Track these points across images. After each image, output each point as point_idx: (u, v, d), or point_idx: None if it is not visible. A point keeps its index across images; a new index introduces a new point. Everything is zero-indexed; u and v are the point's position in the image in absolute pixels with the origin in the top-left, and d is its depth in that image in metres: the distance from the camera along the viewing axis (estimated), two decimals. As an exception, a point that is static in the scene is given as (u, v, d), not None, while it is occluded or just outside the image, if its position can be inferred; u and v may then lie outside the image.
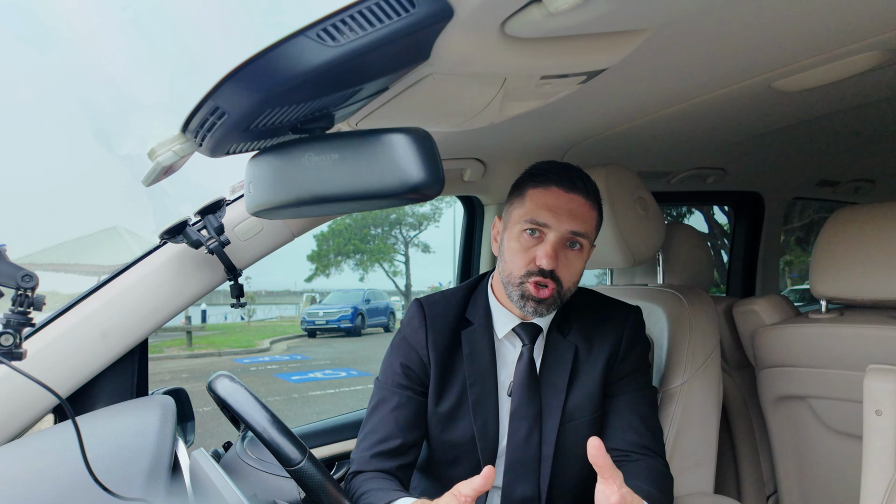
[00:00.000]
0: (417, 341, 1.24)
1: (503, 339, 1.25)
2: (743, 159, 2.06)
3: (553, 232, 1.14)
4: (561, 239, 1.14)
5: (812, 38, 0.99)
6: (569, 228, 1.14)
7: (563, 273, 1.15)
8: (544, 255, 1.13)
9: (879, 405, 1.30)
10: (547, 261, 1.12)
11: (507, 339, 1.25)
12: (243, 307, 1.31)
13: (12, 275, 0.89)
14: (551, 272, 1.13)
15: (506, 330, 1.24)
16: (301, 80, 0.64)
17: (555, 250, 1.13)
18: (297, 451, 1.01)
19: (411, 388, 1.24)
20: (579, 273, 1.19)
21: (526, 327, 1.23)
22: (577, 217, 1.14)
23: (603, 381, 1.22)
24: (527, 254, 1.15)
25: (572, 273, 1.17)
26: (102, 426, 1.04)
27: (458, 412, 1.23)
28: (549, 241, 1.14)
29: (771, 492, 1.86)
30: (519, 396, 1.21)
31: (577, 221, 1.14)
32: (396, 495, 1.08)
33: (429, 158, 0.69)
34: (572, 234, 1.15)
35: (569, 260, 1.16)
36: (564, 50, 0.80)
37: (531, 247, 1.15)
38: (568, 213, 1.14)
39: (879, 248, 1.37)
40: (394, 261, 27.69)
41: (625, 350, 1.24)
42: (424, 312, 1.25)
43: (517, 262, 1.16)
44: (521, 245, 1.16)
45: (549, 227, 1.14)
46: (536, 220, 1.14)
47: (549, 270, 1.13)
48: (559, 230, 1.14)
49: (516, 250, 1.16)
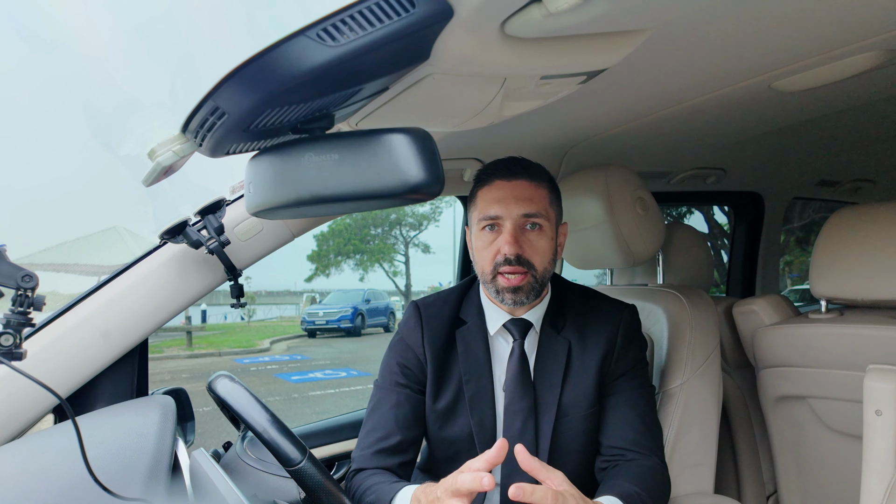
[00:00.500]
0: (414, 341, 1.27)
1: (496, 335, 1.27)
2: (743, 159, 2.06)
3: (507, 220, 1.18)
4: (516, 225, 1.18)
5: (812, 38, 0.99)
6: (520, 213, 1.18)
7: (531, 255, 1.18)
8: (504, 243, 1.17)
9: (879, 405, 1.30)
10: (508, 247, 1.16)
11: (500, 335, 1.27)
12: (243, 307, 1.31)
13: (12, 275, 0.89)
14: (517, 258, 1.16)
15: (497, 326, 1.26)
16: (301, 80, 0.64)
17: (513, 236, 1.17)
18: (297, 451, 1.01)
19: (409, 387, 1.27)
20: (549, 253, 1.21)
21: (516, 323, 1.25)
22: (526, 199, 1.18)
23: (598, 377, 1.23)
24: (490, 248, 1.20)
25: (540, 254, 1.19)
26: (102, 426, 1.04)
27: (455, 409, 1.25)
28: (506, 229, 1.18)
29: (771, 492, 1.86)
30: (511, 391, 1.23)
31: (525, 204, 1.18)
32: (401, 485, 1.09)
33: (429, 158, 0.69)
34: (525, 217, 1.18)
35: (532, 242, 1.19)
36: (564, 50, 0.80)
37: (493, 240, 1.20)
38: (514, 199, 1.18)
39: (879, 248, 1.37)
40: (394, 261, 27.69)
41: (620, 347, 1.25)
42: (420, 313, 1.30)
43: (484, 258, 1.21)
44: (483, 242, 1.21)
45: (501, 217, 1.19)
46: (489, 214, 1.19)
47: (515, 256, 1.16)
48: (511, 216, 1.18)
49: (481, 248, 1.21)
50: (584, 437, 1.24)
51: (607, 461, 1.22)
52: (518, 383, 1.23)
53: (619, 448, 1.21)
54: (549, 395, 1.23)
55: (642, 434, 1.21)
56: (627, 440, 1.21)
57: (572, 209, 1.60)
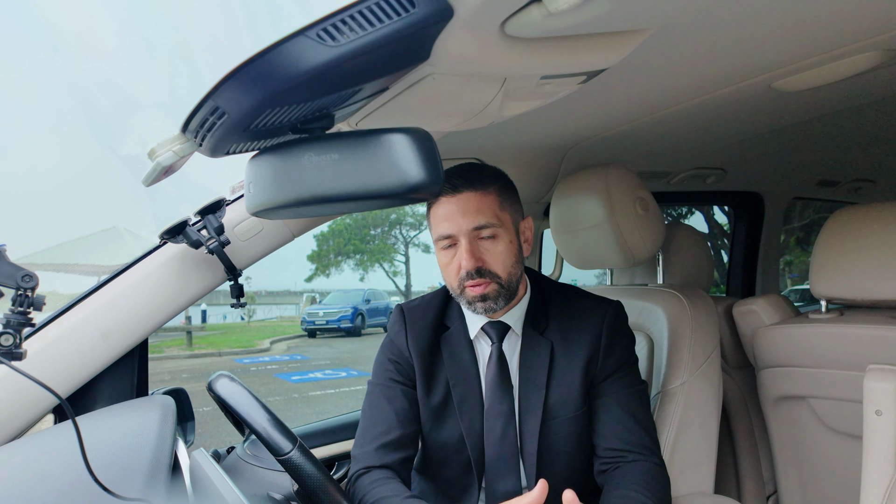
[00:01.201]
0: (400, 342, 1.29)
1: (476, 339, 1.28)
2: (743, 159, 2.06)
3: (460, 236, 1.18)
4: (469, 239, 1.18)
5: (812, 38, 0.99)
6: (469, 227, 1.17)
7: (493, 265, 1.18)
8: (461, 260, 1.18)
9: (879, 405, 1.30)
10: (466, 262, 1.17)
11: (480, 338, 1.28)
12: (243, 307, 1.31)
13: (12, 275, 0.89)
14: (478, 271, 1.17)
15: (476, 330, 1.27)
16: (301, 80, 0.64)
17: (469, 251, 1.17)
18: (287, 441, 1.02)
19: (403, 383, 1.28)
20: (511, 257, 1.20)
21: (493, 326, 1.26)
22: (472, 212, 1.17)
23: (584, 378, 1.23)
24: (452, 265, 1.20)
25: (502, 260, 1.19)
26: (102, 426, 1.04)
27: (444, 412, 1.26)
28: (461, 245, 1.18)
29: (771, 492, 1.86)
30: (491, 394, 1.23)
31: (472, 217, 1.17)
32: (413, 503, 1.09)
33: (429, 158, 0.69)
34: (476, 230, 1.18)
35: (489, 251, 1.19)
36: (564, 50, 0.80)
37: (452, 257, 1.20)
38: (462, 214, 1.17)
39: (879, 248, 1.37)
40: (394, 261, 27.69)
41: (606, 346, 1.24)
42: (405, 317, 1.31)
43: (449, 275, 1.21)
44: (445, 260, 1.22)
45: (454, 235, 1.18)
46: (441, 233, 1.20)
47: (475, 270, 1.16)
48: (462, 232, 1.17)
49: (444, 265, 1.22)
50: (573, 438, 1.23)
51: (606, 463, 1.21)
52: (497, 386, 1.23)
53: (618, 450, 1.20)
54: (535, 398, 1.22)
55: (639, 434, 1.20)
56: (625, 441, 1.20)
57: (572, 209, 1.60)
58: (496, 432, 1.22)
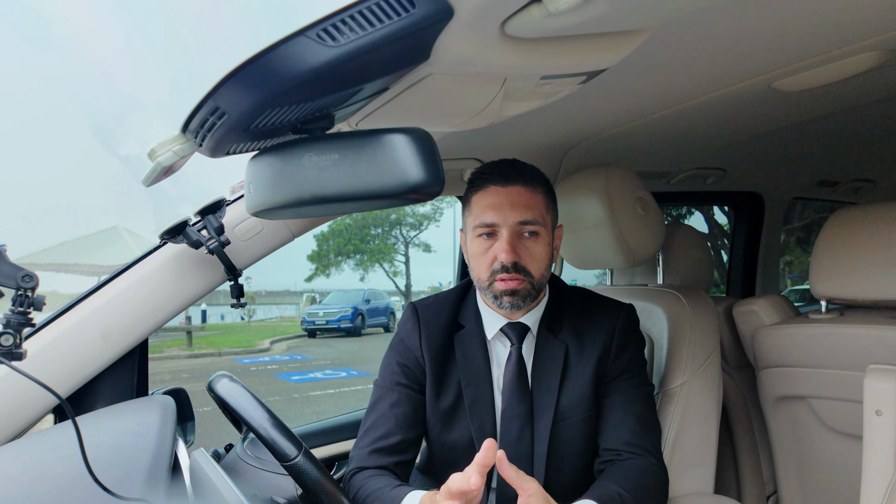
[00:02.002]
0: (412, 343, 1.27)
1: (494, 339, 1.26)
2: (743, 159, 2.06)
3: (503, 227, 1.16)
4: (513, 232, 1.16)
5: (812, 38, 0.99)
6: (516, 220, 1.16)
7: (528, 263, 1.17)
8: (501, 251, 1.16)
9: (879, 405, 1.30)
10: (505, 255, 1.15)
11: (497, 339, 1.26)
12: (243, 307, 1.31)
13: (12, 275, 0.89)
14: (514, 265, 1.15)
15: (494, 331, 1.25)
16: (301, 80, 0.64)
17: (510, 244, 1.16)
18: (292, 446, 1.01)
19: (409, 387, 1.26)
20: (546, 259, 1.20)
21: (513, 327, 1.24)
22: (522, 206, 1.16)
23: (595, 379, 1.22)
24: (487, 255, 1.18)
25: (537, 261, 1.18)
26: (102, 426, 1.04)
27: (455, 413, 1.25)
28: (502, 237, 1.16)
29: (771, 492, 1.86)
30: (509, 396, 1.22)
31: (521, 211, 1.16)
32: (403, 491, 1.08)
33: (429, 158, 0.69)
34: (521, 225, 1.17)
35: (528, 249, 1.18)
36: (564, 50, 0.80)
37: (489, 247, 1.18)
38: (510, 206, 1.16)
39: (879, 248, 1.37)
40: (394, 261, 27.69)
41: (617, 348, 1.24)
42: (418, 315, 1.29)
43: (481, 265, 1.19)
44: (480, 249, 1.19)
45: (498, 225, 1.17)
46: (485, 221, 1.17)
47: (512, 265, 1.15)
48: (507, 224, 1.16)
49: (477, 254, 1.20)
50: (582, 440, 1.23)
51: (603, 462, 1.21)
52: (515, 388, 1.22)
53: (614, 449, 1.20)
54: (547, 399, 1.22)
55: (637, 434, 1.20)
56: (622, 441, 1.20)
57: (572, 209, 1.60)
58: (512, 434, 1.21)
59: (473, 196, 1.21)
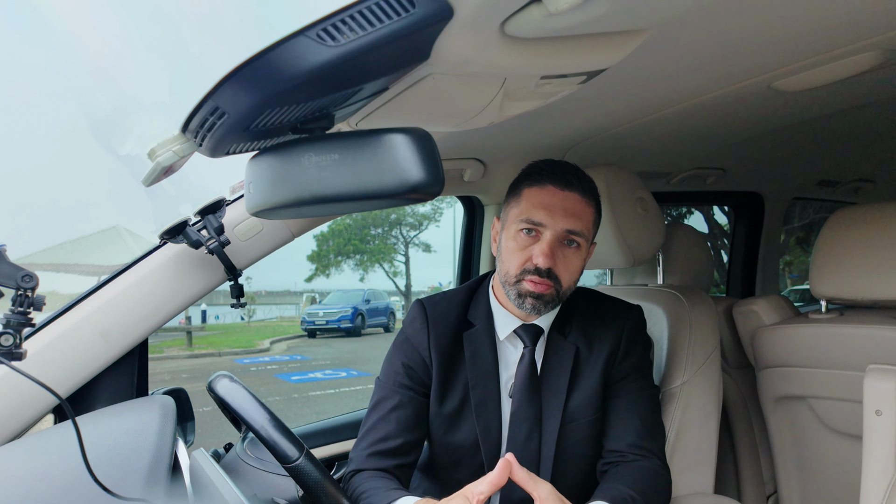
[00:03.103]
0: (420, 342, 1.24)
1: (504, 340, 1.24)
2: (743, 159, 2.06)
3: (549, 230, 1.13)
4: (557, 237, 1.14)
5: (812, 38, 0.99)
6: (564, 227, 1.13)
7: (562, 272, 1.15)
8: (540, 254, 1.12)
9: (879, 405, 1.30)
10: (543, 259, 1.12)
11: (509, 340, 1.24)
12: (243, 307, 1.31)
13: (12, 275, 0.89)
14: (548, 271, 1.13)
15: (507, 331, 1.23)
16: (301, 80, 0.64)
17: (551, 249, 1.13)
18: (294, 448, 1.01)
19: (413, 389, 1.23)
20: (578, 272, 1.19)
21: (527, 329, 1.22)
22: (573, 215, 1.14)
23: (603, 381, 1.22)
24: (523, 252, 1.15)
25: (570, 272, 1.16)
26: (102, 426, 1.04)
27: (461, 414, 1.23)
28: (545, 239, 1.13)
29: (771, 492, 1.86)
30: (519, 398, 1.21)
31: (572, 219, 1.14)
32: (398, 494, 1.08)
33: (429, 158, 0.69)
34: (568, 233, 1.14)
35: (566, 258, 1.15)
36: (564, 50, 0.80)
37: (528, 245, 1.15)
38: (563, 212, 1.13)
39: (879, 248, 1.37)
40: (394, 261, 27.69)
41: (624, 350, 1.24)
42: (427, 313, 1.25)
43: (514, 260, 1.15)
44: (517, 244, 1.16)
45: (544, 226, 1.13)
46: (532, 219, 1.14)
47: (546, 269, 1.12)
48: (555, 228, 1.13)
49: (513, 249, 1.16)
50: (589, 442, 1.22)
51: (607, 464, 1.21)
52: (527, 390, 1.20)
53: (619, 451, 1.20)
54: (555, 402, 1.20)
55: (642, 436, 1.20)
56: (627, 443, 1.19)
57: (572, 209, 1.60)
58: (521, 436, 1.20)
59: (526, 189, 1.17)
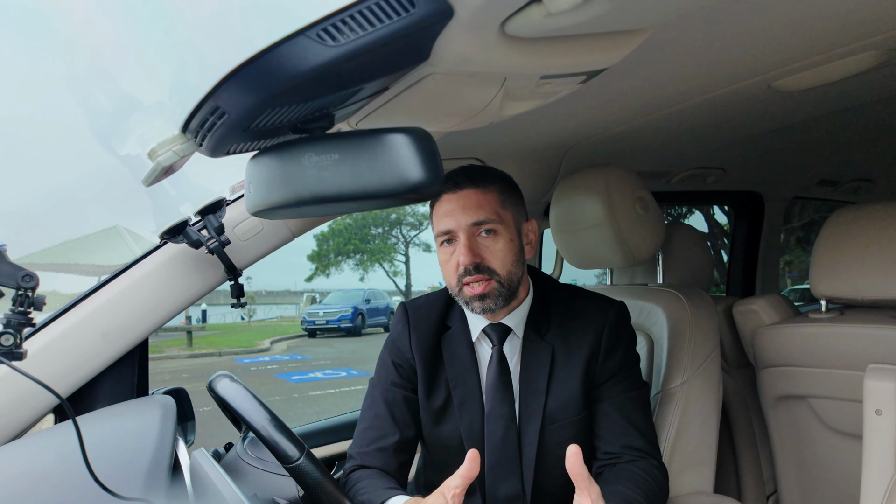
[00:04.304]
0: (403, 344, 1.28)
1: (478, 340, 1.27)
2: (743, 159, 2.06)
3: (459, 232, 1.17)
4: (468, 234, 1.17)
5: (812, 38, 0.99)
6: (469, 222, 1.17)
7: (491, 261, 1.17)
8: (459, 255, 1.17)
9: (879, 405, 1.31)
10: (463, 257, 1.16)
11: (482, 340, 1.27)
12: (243, 307, 1.31)
13: (12, 275, 0.89)
14: (476, 266, 1.16)
15: (477, 332, 1.26)
16: (301, 80, 0.64)
17: (467, 247, 1.16)
18: (295, 448, 1.01)
19: (403, 386, 1.27)
20: (510, 255, 1.19)
21: (494, 328, 1.25)
22: (472, 208, 1.17)
23: (584, 381, 1.21)
24: (451, 262, 1.19)
25: (500, 258, 1.18)
26: (103, 426, 1.04)
27: (445, 413, 1.26)
28: (459, 241, 1.17)
29: (771, 492, 1.86)
30: (492, 397, 1.23)
31: (472, 212, 1.17)
32: (391, 493, 1.09)
33: (429, 158, 0.69)
34: (475, 226, 1.17)
35: (488, 248, 1.18)
36: (564, 50, 0.80)
37: (451, 254, 1.19)
38: (462, 210, 1.17)
39: (879, 248, 1.37)
40: (394, 261, 27.69)
41: (606, 349, 1.22)
42: (408, 316, 1.30)
43: (448, 272, 1.20)
44: (444, 257, 1.21)
45: (454, 231, 1.18)
46: (441, 229, 1.19)
47: (473, 266, 1.16)
48: (462, 227, 1.17)
49: (444, 262, 1.21)
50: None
51: (602, 466, 1.21)
52: (497, 389, 1.23)
53: (613, 452, 1.20)
54: (535, 402, 1.21)
55: (636, 437, 1.19)
56: (622, 444, 1.19)
57: (572, 209, 1.60)
58: (497, 436, 1.22)
59: (433, 209, 1.23)
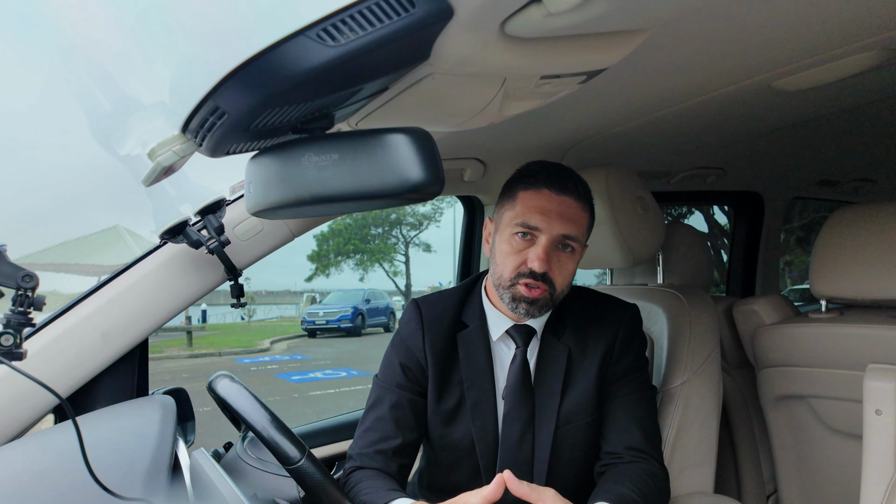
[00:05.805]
0: (415, 343, 1.24)
1: (498, 341, 1.24)
2: (743, 159, 2.06)
3: (544, 235, 1.13)
4: (552, 242, 1.14)
5: (812, 38, 0.99)
6: (560, 232, 1.13)
7: (556, 276, 1.15)
8: (536, 258, 1.12)
9: (879, 405, 1.31)
10: (538, 264, 1.12)
11: (502, 341, 1.24)
12: (243, 307, 1.31)
13: (12, 275, 0.89)
14: (543, 275, 1.13)
15: (499, 332, 1.23)
16: (301, 80, 0.64)
17: (546, 253, 1.13)
18: (296, 449, 1.01)
19: (410, 389, 1.24)
20: (571, 275, 1.19)
21: (519, 329, 1.23)
22: (569, 220, 1.14)
23: (598, 382, 1.21)
24: (518, 256, 1.15)
25: (565, 276, 1.17)
26: (103, 426, 1.04)
27: (457, 414, 1.23)
28: (540, 244, 1.13)
29: (771, 492, 1.86)
30: (511, 399, 1.21)
31: (568, 224, 1.14)
32: (395, 495, 1.08)
33: (429, 158, 0.69)
34: (563, 238, 1.14)
35: (561, 262, 1.16)
36: (564, 50, 0.80)
37: (522, 249, 1.15)
38: (559, 216, 1.13)
39: (879, 248, 1.37)
40: (394, 261, 27.70)
41: (619, 351, 1.23)
42: (421, 314, 1.25)
43: (508, 264, 1.15)
44: (512, 248, 1.16)
45: (540, 231, 1.13)
46: (527, 223, 1.14)
47: (542, 273, 1.13)
48: (550, 233, 1.13)
49: (507, 252, 1.16)
50: (585, 444, 1.22)
51: (604, 465, 1.21)
52: (518, 391, 1.20)
53: (616, 453, 1.20)
54: (549, 404, 1.20)
55: (640, 439, 1.19)
56: (625, 445, 1.19)
57: (572, 209, 1.60)
58: (513, 437, 1.20)
59: (522, 192, 1.17)
